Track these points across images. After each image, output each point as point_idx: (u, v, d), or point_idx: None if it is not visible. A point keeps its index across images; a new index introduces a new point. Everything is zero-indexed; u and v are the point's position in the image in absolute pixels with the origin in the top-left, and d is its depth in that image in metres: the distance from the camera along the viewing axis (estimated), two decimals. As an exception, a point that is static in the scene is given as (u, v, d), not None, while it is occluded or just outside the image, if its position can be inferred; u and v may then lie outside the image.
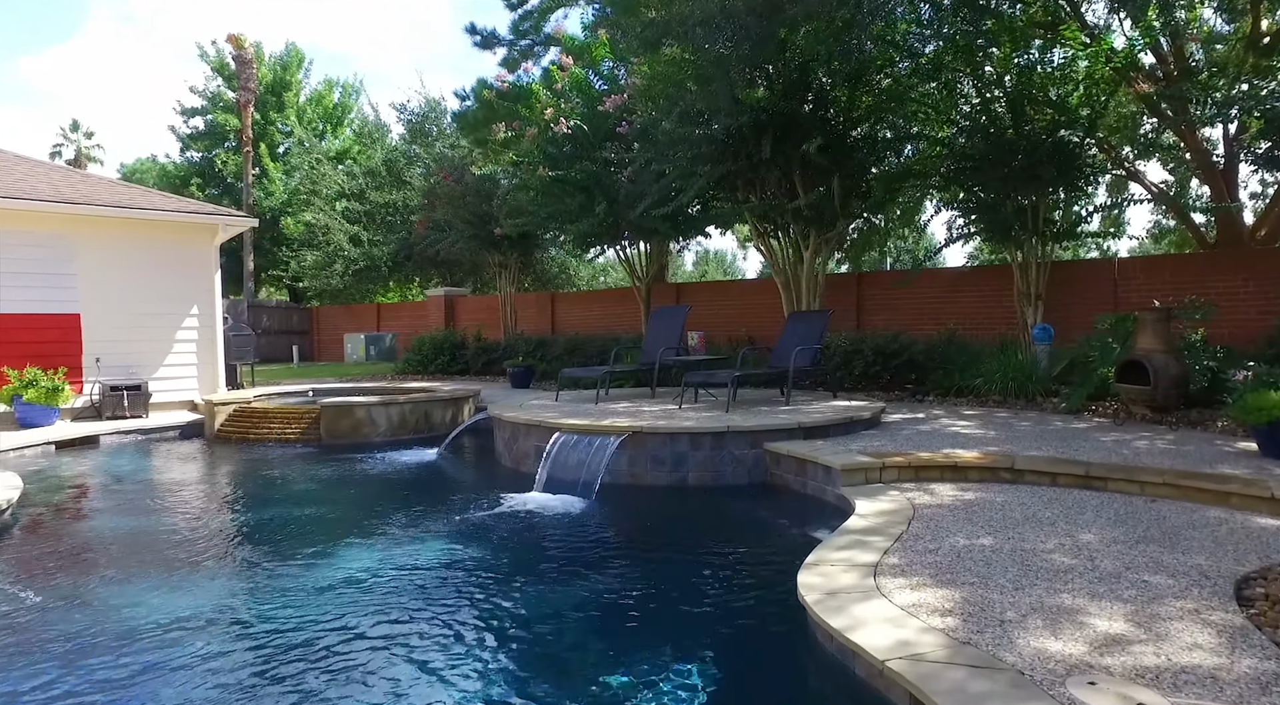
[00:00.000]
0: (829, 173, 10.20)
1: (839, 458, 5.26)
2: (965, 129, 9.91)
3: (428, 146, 20.63)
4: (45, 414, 8.95)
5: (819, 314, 8.11)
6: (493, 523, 5.01)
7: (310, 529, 5.06)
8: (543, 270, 21.85)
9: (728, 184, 11.11)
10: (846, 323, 12.12)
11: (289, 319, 23.56)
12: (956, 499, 4.61)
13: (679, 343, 8.70)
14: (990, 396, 8.78)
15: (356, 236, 20.75)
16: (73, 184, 10.11)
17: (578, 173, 12.04)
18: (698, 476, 5.93)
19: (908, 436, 6.26)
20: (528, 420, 6.56)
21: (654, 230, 12.92)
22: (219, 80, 26.03)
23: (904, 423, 7.12)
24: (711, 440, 5.92)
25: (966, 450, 5.55)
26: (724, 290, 14.98)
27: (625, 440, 5.95)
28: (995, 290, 10.86)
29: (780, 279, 11.41)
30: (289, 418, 8.49)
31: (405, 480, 6.60)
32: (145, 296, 10.01)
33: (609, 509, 5.35)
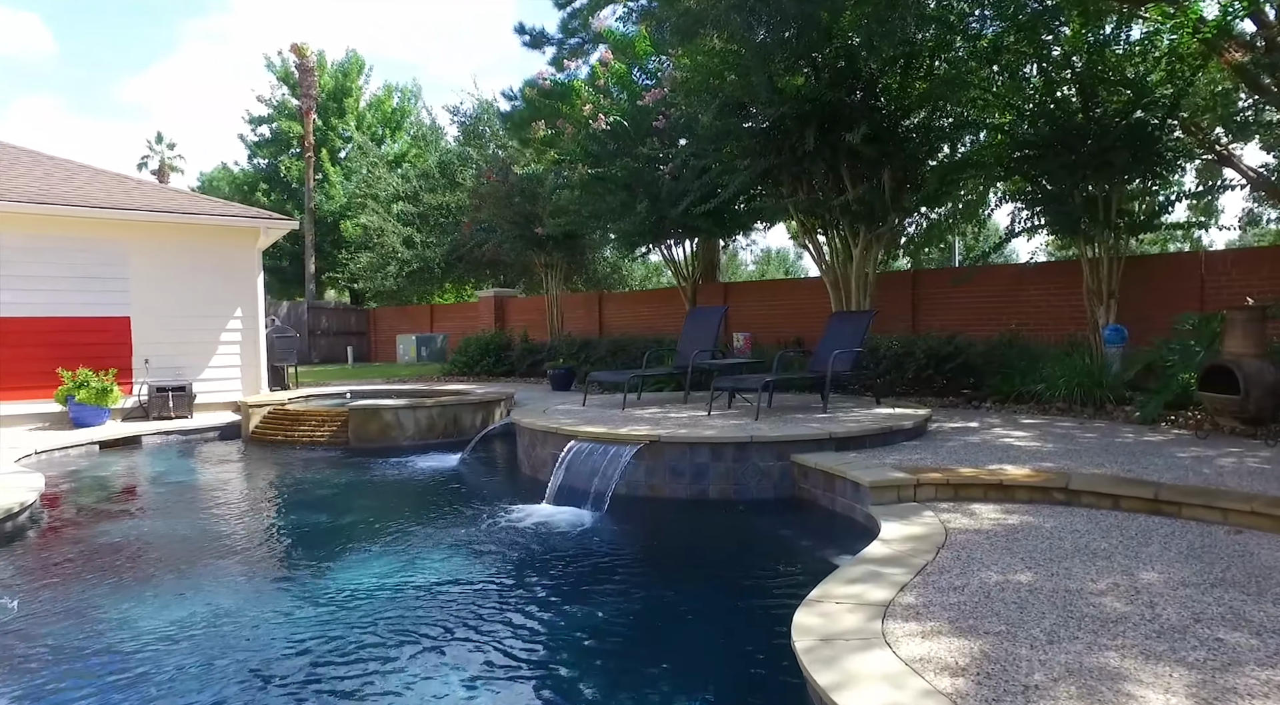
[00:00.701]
0: (878, 165, 9.61)
1: (869, 473, 4.79)
2: (1028, 115, 9.17)
3: (480, 148, 20.74)
4: (96, 414, 9.21)
5: (861, 315, 7.58)
6: (490, 538, 4.74)
7: (305, 541, 4.90)
8: (594, 270, 21.71)
9: (772, 179, 10.63)
10: (901, 323, 11.45)
11: (347, 320, 24.10)
12: (998, 523, 4.09)
13: (714, 345, 8.30)
14: (1053, 404, 8.06)
15: (409, 238, 21.02)
16: (127, 190, 10.41)
17: (619, 170, 11.75)
18: (719, 490, 5.54)
19: (953, 449, 5.71)
20: (544, 427, 6.29)
21: (698, 228, 12.54)
22: (284, 89, 26.91)
23: (952, 433, 6.54)
24: (734, 451, 5.51)
25: (1016, 466, 4.98)
26: (773, 290, 14.45)
27: (642, 450, 5.61)
28: (1062, 288, 10.05)
29: (829, 278, 10.85)
30: (319, 420, 8.48)
31: (418, 489, 6.43)
32: (191, 299, 10.22)
33: (618, 525, 5.02)
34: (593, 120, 11.55)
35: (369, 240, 21.75)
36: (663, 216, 12.04)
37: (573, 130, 12.05)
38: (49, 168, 10.73)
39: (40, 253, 9.35)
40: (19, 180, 9.83)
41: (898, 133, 9.62)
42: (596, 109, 11.76)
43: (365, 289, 23.42)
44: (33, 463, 7.39)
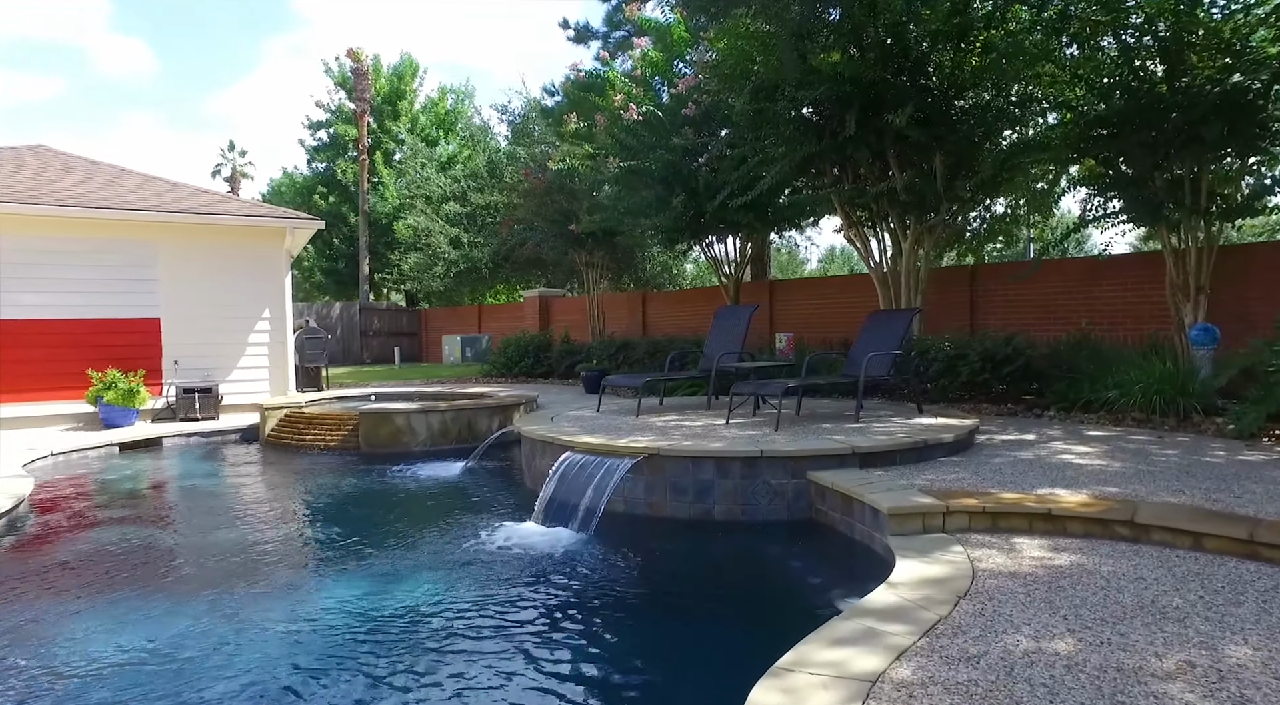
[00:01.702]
0: (928, 150, 8.78)
1: (889, 496, 4.10)
2: (1100, 88, 8.16)
3: (529, 147, 20.54)
4: (124, 415, 9.24)
5: (901, 313, 6.81)
6: (453, 564, 4.26)
7: (262, 557, 4.53)
8: (643, 269, 21.22)
9: (813, 168, 9.89)
10: (958, 322, 10.52)
11: (398, 321, 24.32)
12: (1041, 565, 3.36)
13: (742, 346, 7.65)
14: (1128, 413, 7.09)
15: (456, 238, 20.97)
16: (159, 193, 10.48)
17: (653, 162, 11.19)
18: (725, 510, 4.93)
19: (999, 468, 4.94)
20: (542, 436, 5.80)
21: (738, 223, 11.87)
22: (341, 93, 27.43)
23: (1002, 447, 5.73)
24: (741, 467, 4.90)
25: (1072, 491, 4.20)
26: (820, 288, 13.63)
27: (640, 464, 5.05)
28: (1142, 282, 8.97)
29: (876, 275, 10.04)
30: (331, 425, 8.23)
31: (407, 502, 6.02)
32: (219, 300, 10.20)
33: (603, 550, 4.47)
34: (624, 111, 11.03)
35: (417, 241, 21.84)
36: (701, 211, 11.45)
37: (605, 122, 11.55)
38: (91, 173, 10.91)
39: (73, 255, 9.45)
40: (60, 185, 9.99)
41: (950, 114, 8.75)
42: (628, 99, 11.23)
43: (415, 289, 23.55)
44: (47, 465, 7.38)
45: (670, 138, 10.66)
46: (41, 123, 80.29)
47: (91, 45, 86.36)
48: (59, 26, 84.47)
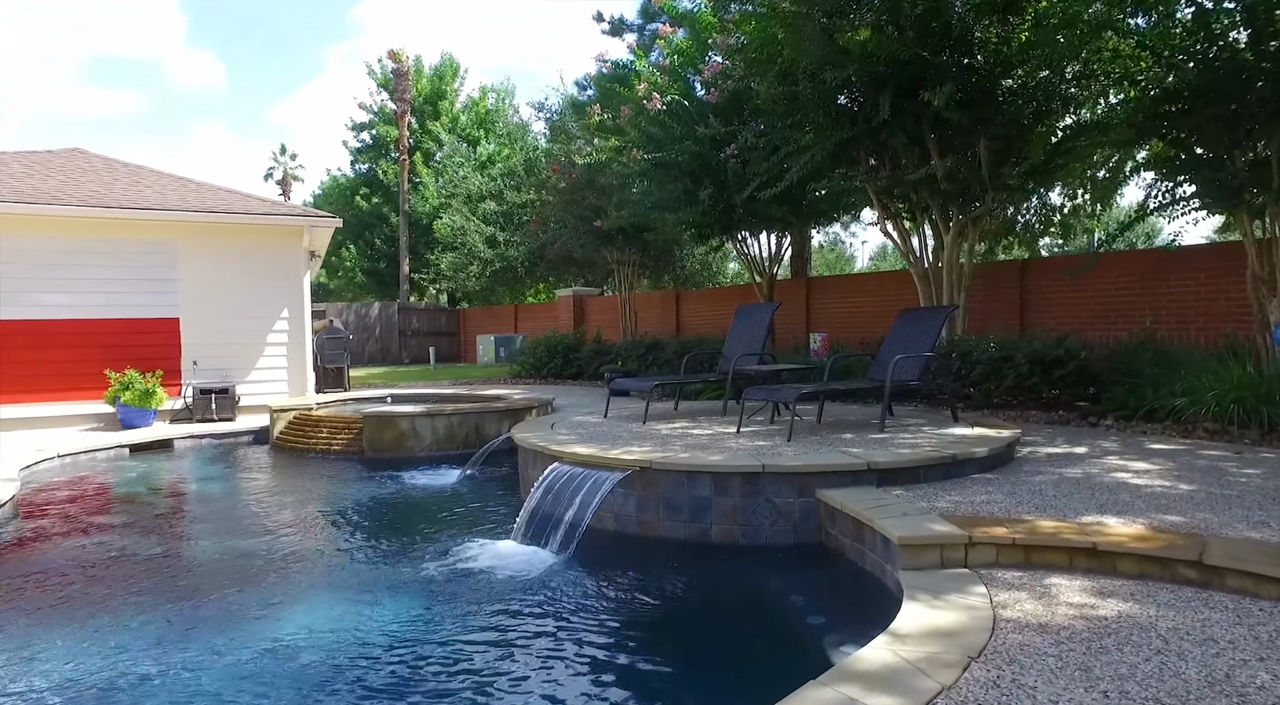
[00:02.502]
0: (971, 134, 8.07)
1: (903, 523, 3.53)
2: (1167, 59, 7.32)
3: (566, 144, 20.24)
4: (142, 415, 9.20)
5: (934, 312, 6.15)
6: (412, 587, 3.86)
7: (227, 573, 4.22)
8: (682, 267, 20.71)
9: (846, 156, 9.23)
10: (1006, 322, 9.73)
11: (437, 321, 24.34)
12: (1080, 614, 2.76)
13: (762, 347, 7.10)
14: (1199, 423, 6.29)
15: (492, 237, 20.81)
16: (182, 193, 10.46)
17: (679, 154, 10.68)
18: (724, 531, 4.42)
19: (1040, 487, 4.29)
20: (533, 444, 5.37)
21: (771, 217, 11.29)
22: (384, 95, 27.65)
23: (1048, 462, 5.06)
24: (742, 483, 4.37)
25: (1124, 519, 3.56)
26: (858, 285, 12.90)
27: (631, 478, 4.57)
28: (1217, 276, 8.08)
29: (916, 270, 9.33)
30: (336, 428, 7.99)
31: (391, 512, 5.66)
32: (238, 300, 10.11)
33: (579, 575, 4.01)
34: (647, 100, 10.55)
35: (454, 240, 21.78)
36: (730, 205, 10.90)
37: (629, 113, 11.10)
38: (120, 174, 10.98)
39: (95, 255, 9.47)
40: (85, 186, 10.04)
41: (996, 95, 8.01)
42: (652, 88, 10.74)
43: (452, 289, 23.52)
44: (52, 465, 7.31)
45: (696, 128, 10.13)
46: (121, 135, 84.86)
47: (167, 59, 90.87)
48: (138, 43, 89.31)
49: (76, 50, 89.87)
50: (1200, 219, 8.45)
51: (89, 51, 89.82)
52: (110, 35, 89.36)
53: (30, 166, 10.52)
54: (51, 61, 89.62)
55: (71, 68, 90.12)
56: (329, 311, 22.19)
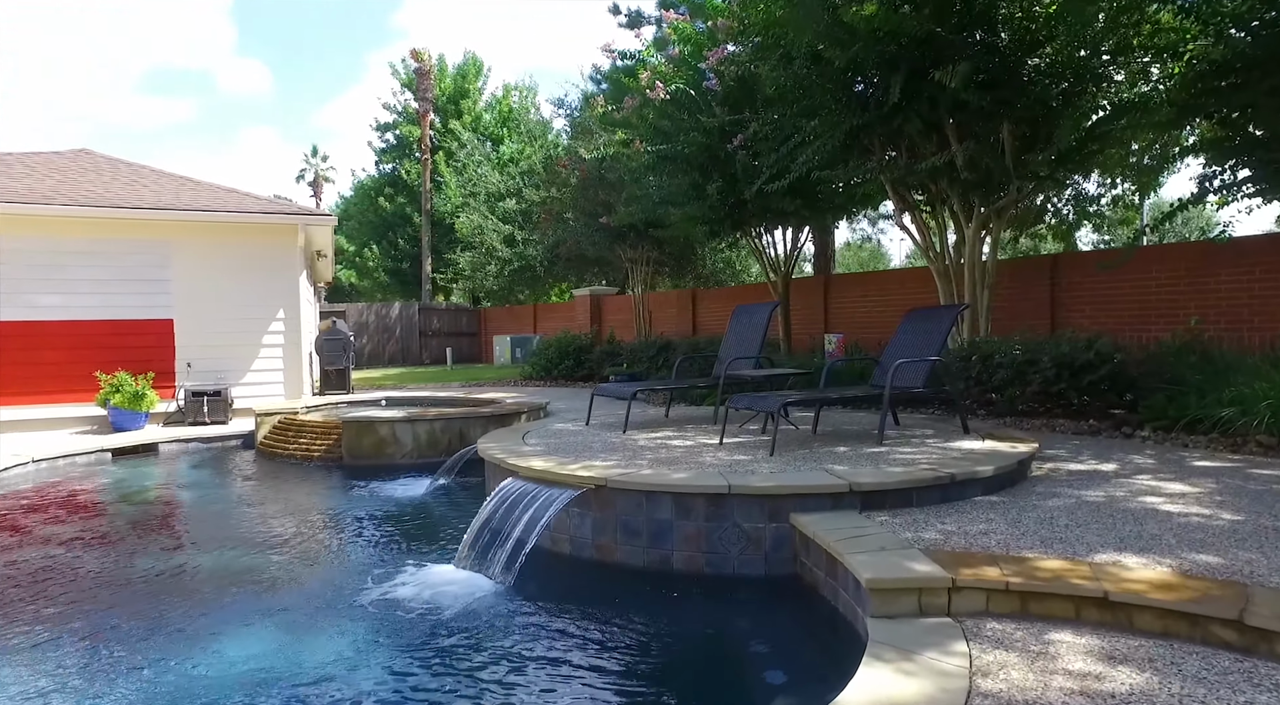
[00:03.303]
0: (993, 118, 7.41)
1: (876, 560, 3.00)
2: (1218, 29, 6.58)
3: (586, 141, 19.86)
4: (133, 418, 9.04)
5: (943, 312, 5.55)
6: (322, 624, 3.46)
7: (151, 592, 3.87)
8: (704, 265, 20.17)
9: (859, 144, 8.62)
10: (1036, 320, 9.02)
11: (458, 321, 24.16)
12: (1081, 689, 2.21)
13: (760, 350, 6.56)
14: (1252, 437, 5.58)
15: (510, 236, 20.52)
16: (179, 192, 10.30)
17: (685, 145, 10.17)
18: (686, 558, 3.92)
19: (1051, 513, 3.71)
20: (493, 456, 4.94)
21: (784, 211, 10.70)
22: (407, 95, 27.60)
23: (1067, 481, 4.44)
24: (706, 505, 3.88)
25: (1150, 558, 2.97)
26: (879, 283, 12.24)
27: (586, 497, 4.11)
28: (1275, 270, 7.30)
29: (936, 266, 8.68)
30: (316, 433, 7.69)
31: (345, 527, 5.28)
32: (232, 301, 9.91)
33: (515, 609, 3.56)
34: (650, 89, 10.06)
35: (472, 239, 21.57)
36: (741, 199, 10.36)
37: (633, 104, 10.63)
38: (121, 174, 10.89)
39: (88, 256, 9.35)
40: (83, 186, 9.94)
41: (1021, 74, 7.34)
42: (655, 77, 10.26)
43: (471, 288, 23.31)
44: (26, 471, 7.13)
45: (705, 118, 9.62)
46: (174, 143, 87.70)
47: (218, 69, 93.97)
48: (190, 54, 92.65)
49: (133, 62, 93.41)
50: (1256, 207, 7.68)
51: (145, 63, 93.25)
52: (164, 47, 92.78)
53: (32, 167, 10.48)
54: (110, 73, 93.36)
55: (128, 79, 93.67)
56: (348, 312, 22.18)
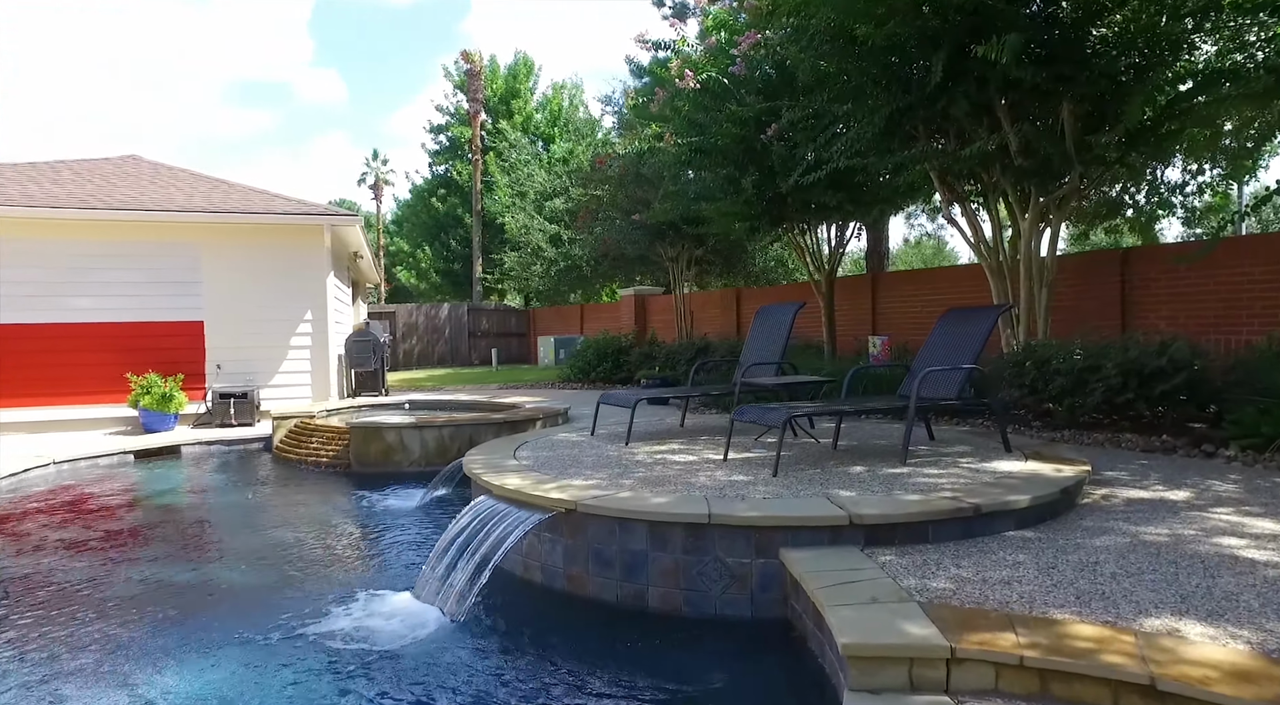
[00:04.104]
0: (1052, 97, 6.66)
1: (862, 617, 2.47)
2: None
3: (631, 138, 19.50)
4: (162, 419, 9.10)
5: (981, 314, 4.89)
6: (252, 660, 3.13)
7: (105, 612, 3.63)
8: (753, 264, 19.51)
9: (901, 131, 7.93)
10: (1104, 321, 8.13)
11: (507, 321, 24.14)
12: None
13: (782, 355, 6.00)
14: (1360, 460, 4.73)
15: (556, 236, 20.32)
16: (210, 194, 10.37)
17: (718, 137, 9.64)
18: (663, 595, 3.45)
19: (1097, 557, 3.07)
20: (471, 470, 4.57)
21: (826, 205, 10.04)
22: (460, 97, 27.78)
23: (1124, 512, 3.77)
24: (684, 535, 3.39)
25: (1221, 627, 2.35)
26: (930, 281, 11.42)
27: (556, 522, 3.69)
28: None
29: (990, 263, 7.92)
30: (326, 438, 7.51)
31: (325, 542, 4.99)
32: (260, 302, 9.90)
33: (461, 655, 3.15)
34: (679, 79, 9.58)
35: (518, 239, 21.48)
36: (779, 193, 9.76)
37: (662, 95, 10.16)
38: (161, 179, 11.06)
39: (122, 259, 9.48)
40: (120, 191, 10.11)
41: (1083, 46, 6.55)
42: (685, 65, 9.76)
43: (516, 289, 23.22)
44: (48, 472, 7.17)
45: (728, 105, 9.08)
46: (255, 152, 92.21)
47: (295, 79, 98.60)
48: (270, 67, 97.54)
49: (218, 76, 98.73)
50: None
51: (229, 76, 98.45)
52: (246, 60, 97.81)
53: (79, 173, 10.74)
54: (196, 87, 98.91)
55: (214, 92, 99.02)
56: (398, 313, 22.41)
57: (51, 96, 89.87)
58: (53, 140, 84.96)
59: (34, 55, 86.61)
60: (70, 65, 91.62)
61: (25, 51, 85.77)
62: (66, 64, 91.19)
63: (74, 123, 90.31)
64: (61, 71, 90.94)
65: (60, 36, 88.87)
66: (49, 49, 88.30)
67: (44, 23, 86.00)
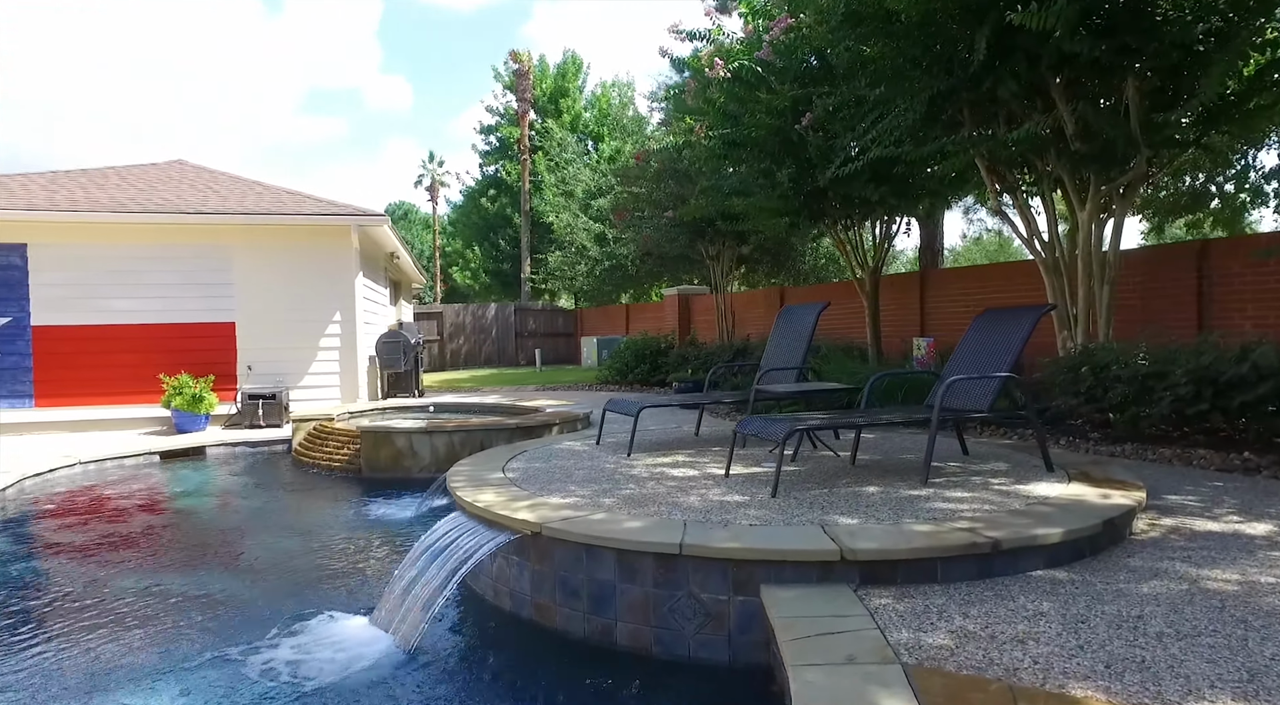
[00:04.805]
0: (1114, 73, 5.99)
1: (826, 683, 2.03)
2: None
3: (672, 133, 19.11)
4: (193, 420, 9.19)
5: (1018, 316, 4.30)
6: (189, 689, 2.89)
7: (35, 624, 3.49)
8: (802, 261, 18.86)
9: (945, 116, 7.31)
10: (1178, 321, 7.34)
11: (554, 321, 24.05)
12: None
13: (803, 360, 5.52)
14: None
15: (601, 235, 20.09)
16: (242, 196, 10.47)
17: (751, 128, 9.16)
18: (632, 632, 3.07)
19: (1141, 608, 2.54)
20: (451, 483, 4.28)
21: (866, 200, 9.45)
22: (509, 97, 27.88)
23: (1187, 547, 3.18)
24: (655, 566, 3.01)
25: (1282, 721, 1.83)
26: (983, 278, 10.65)
27: (523, 545, 3.35)
28: None
29: (1046, 259, 7.23)
30: (340, 443, 7.39)
31: (309, 553, 4.77)
32: (290, 303, 9.92)
33: (383, 692, 2.84)
34: (709, 68, 9.14)
35: (563, 239, 21.35)
36: (818, 187, 9.22)
37: (693, 85, 9.74)
38: (203, 182, 11.25)
39: (156, 261, 9.63)
40: (159, 194, 10.30)
41: (1151, 12, 5.84)
42: (716, 52, 9.32)
43: (562, 288, 23.10)
44: (74, 472, 7.26)
45: (758, 93, 8.60)
46: (327, 156, 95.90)
47: (365, 86, 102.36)
48: (341, 75, 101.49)
49: (294, 85, 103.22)
50: None
51: (304, 85, 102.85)
52: (320, 69, 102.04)
53: (124, 178, 11.01)
54: (276, 96, 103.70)
55: (290, 100, 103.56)
56: (445, 313, 22.56)
57: (140, 106, 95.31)
58: (141, 144, 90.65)
59: (124, 67, 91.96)
60: (155, 77, 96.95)
61: (118, 63, 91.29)
62: (153, 76, 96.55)
63: (162, 129, 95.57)
64: (147, 83, 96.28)
65: (148, 51, 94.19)
66: (142, 61, 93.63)
67: (134, 40, 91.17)
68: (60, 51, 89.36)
